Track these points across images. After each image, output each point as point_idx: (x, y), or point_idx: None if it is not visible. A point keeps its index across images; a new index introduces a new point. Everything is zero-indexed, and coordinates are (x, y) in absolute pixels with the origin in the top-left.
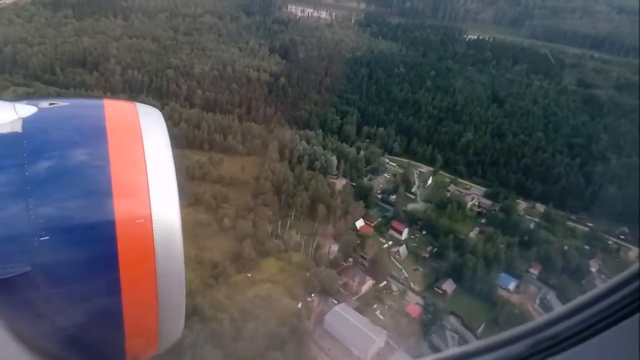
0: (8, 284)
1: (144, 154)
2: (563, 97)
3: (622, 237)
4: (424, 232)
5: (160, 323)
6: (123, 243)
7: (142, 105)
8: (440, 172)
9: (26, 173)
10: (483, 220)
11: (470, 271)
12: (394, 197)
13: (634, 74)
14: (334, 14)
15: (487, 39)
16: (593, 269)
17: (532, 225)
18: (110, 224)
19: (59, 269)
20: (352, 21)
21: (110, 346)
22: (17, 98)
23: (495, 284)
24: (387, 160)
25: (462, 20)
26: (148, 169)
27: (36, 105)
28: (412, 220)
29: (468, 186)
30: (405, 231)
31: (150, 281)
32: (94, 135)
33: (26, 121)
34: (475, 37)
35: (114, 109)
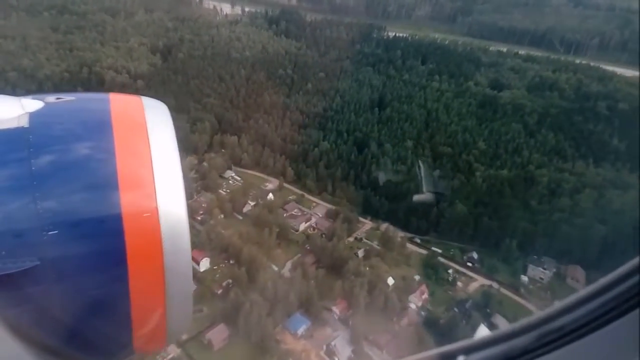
0: (17, 278)
1: (149, 147)
2: (459, 100)
3: (469, 264)
4: (231, 261)
5: (168, 316)
6: (130, 237)
7: (147, 98)
8: (288, 187)
9: (33, 168)
10: (308, 246)
11: (248, 314)
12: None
13: (554, 72)
14: (246, 10)
15: (405, 36)
16: (412, 305)
17: (360, 252)
18: (118, 218)
19: (67, 263)
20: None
21: (118, 340)
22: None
23: (282, 328)
24: (233, 174)
25: (395, 17)
26: (154, 162)
27: (42, 100)
28: (223, 247)
29: (314, 204)
30: (205, 261)
31: (157, 275)
32: (100, 129)
33: (33, 116)
34: (393, 35)
35: (119, 103)
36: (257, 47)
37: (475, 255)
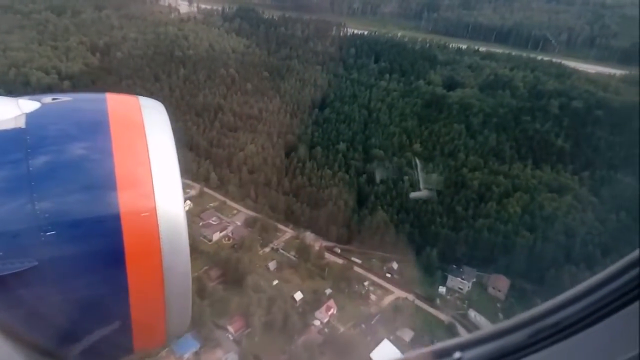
0: (16, 279)
1: (147, 147)
2: (405, 99)
3: (388, 275)
4: None
5: (167, 316)
6: (129, 236)
7: (144, 98)
8: (211, 193)
9: (30, 168)
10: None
11: None
12: None
13: (511, 70)
14: (202, 7)
15: (362, 33)
16: (316, 322)
17: (273, 264)
18: (116, 218)
19: (65, 264)
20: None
21: (117, 340)
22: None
23: (168, 352)
24: None
25: (361, 13)
26: (151, 162)
27: (39, 101)
28: None
29: (235, 211)
30: None
31: (156, 274)
32: (97, 129)
33: (29, 116)
34: (352, 32)
35: (116, 103)
36: (203, 45)
37: (395, 265)
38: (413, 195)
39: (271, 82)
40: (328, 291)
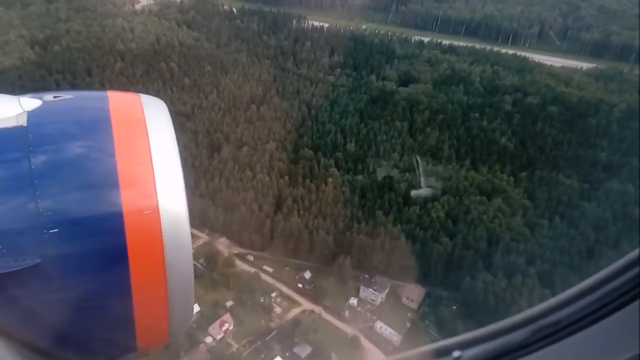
0: (19, 276)
1: (149, 145)
2: (350, 96)
3: (299, 285)
4: None
5: (170, 313)
6: (131, 234)
7: (146, 96)
8: None
9: (33, 167)
10: None
11: None
12: None
13: (471, 64)
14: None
15: (324, 26)
16: (209, 338)
17: None
18: (118, 216)
19: (68, 261)
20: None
21: (120, 337)
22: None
23: None
24: None
25: (330, 6)
26: (154, 160)
27: (40, 99)
28: None
29: None
30: None
31: (159, 271)
32: (99, 127)
33: (31, 115)
34: (312, 25)
35: (118, 101)
36: (149, 38)
37: (307, 275)
38: (414, 193)
39: (212, 76)
40: (229, 303)
